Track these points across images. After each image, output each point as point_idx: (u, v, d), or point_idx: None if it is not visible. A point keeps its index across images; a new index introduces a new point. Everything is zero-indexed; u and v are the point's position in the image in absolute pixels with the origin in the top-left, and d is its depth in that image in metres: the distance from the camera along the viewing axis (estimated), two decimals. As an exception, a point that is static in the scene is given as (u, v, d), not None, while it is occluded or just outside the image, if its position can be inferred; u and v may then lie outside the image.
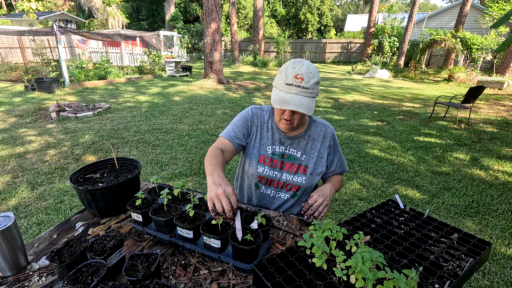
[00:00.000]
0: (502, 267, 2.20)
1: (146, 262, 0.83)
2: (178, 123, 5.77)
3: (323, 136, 1.32)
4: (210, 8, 9.54)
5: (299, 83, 1.06)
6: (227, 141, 1.25)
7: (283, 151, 1.29)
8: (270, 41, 21.41)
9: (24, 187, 3.22)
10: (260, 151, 1.30)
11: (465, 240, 0.94)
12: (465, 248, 0.89)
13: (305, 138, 1.30)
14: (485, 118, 6.72)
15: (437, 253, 0.87)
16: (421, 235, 0.95)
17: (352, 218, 1.03)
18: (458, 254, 0.87)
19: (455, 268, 0.82)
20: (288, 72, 1.08)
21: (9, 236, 0.87)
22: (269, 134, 1.30)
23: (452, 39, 12.96)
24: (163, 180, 3.47)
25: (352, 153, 4.46)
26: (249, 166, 1.32)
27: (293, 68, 1.08)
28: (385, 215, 1.07)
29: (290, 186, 1.31)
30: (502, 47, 3.95)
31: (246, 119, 1.31)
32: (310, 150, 1.31)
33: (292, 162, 1.30)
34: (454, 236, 0.97)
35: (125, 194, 1.20)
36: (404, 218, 1.05)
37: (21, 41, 12.53)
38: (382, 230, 0.96)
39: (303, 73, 1.06)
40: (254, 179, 1.34)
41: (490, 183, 3.58)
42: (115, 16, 23.21)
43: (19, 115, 5.95)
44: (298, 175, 1.30)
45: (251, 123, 1.31)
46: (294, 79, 1.07)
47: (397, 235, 0.94)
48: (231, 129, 1.29)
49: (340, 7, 46.19)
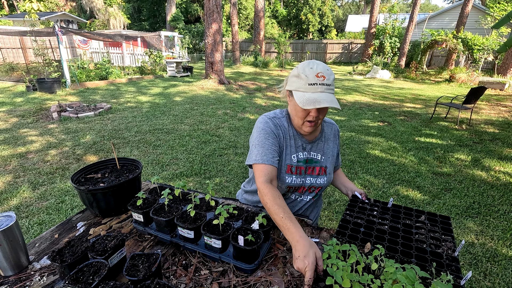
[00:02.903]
0: (504, 268, 2.19)
1: (147, 262, 0.84)
2: (179, 124, 5.77)
3: (333, 135, 1.36)
4: (211, 9, 9.56)
5: (322, 81, 1.06)
6: (269, 167, 1.12)
7: (306, 156, 1.27)
8: (271, 41, 21.43)
9: (25, 187, 3.22)
10: (286, 161, 1.23)
11: (433, 219, 1.08)
12: (438, 228, 1.03)
13: (322, 140, 1.31)
14: (487, 119, 6.71)
15: (426, 240, 0.96)
16: (402, 225, 1.03)
17: (340, 227, 1.03)
18: (438, 235, 0.98)
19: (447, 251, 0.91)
20: (307, 73, 1.06)
21: (11, 236, 0.87)
22: (292, 142, 1.24)
23: (453, 40, 12.94)
24: (164, 180, 3.47)
25: (353, 153, 4.45)
26: (277, 179, 1.22)
27: (311, 69, 1.07)
28: (361, 213, 1.12)
29: (314, 188, 1.31)
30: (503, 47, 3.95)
31: (274, 135, 1.19)
32: (327, 150, 1.32)
33: (314, 166, 1.29)
34: (422, 218, 1.09)
35: (126, 194, 1.21)
36: (376, 211, 1.14)
37: (23, 42, 12.58)
38: (372, 232, 0.99)
39: (322, 71, 1.07)
40: (282, 190, 1.26)
41: (492, 184, 3.57)
42: (117, 17, 23.26)
43: (20, 115, 5.97)
44: (320, 176, 1.30)
45: (279, 137, 1.21)
46: (316, 78, 1.05)
47: (386, 233, 0.99)
48: (265, 151, 1.14)
49: (341, 7, 46.20)
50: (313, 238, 1.09)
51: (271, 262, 0.96)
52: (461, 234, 2.61)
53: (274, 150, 1.16)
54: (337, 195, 3.23)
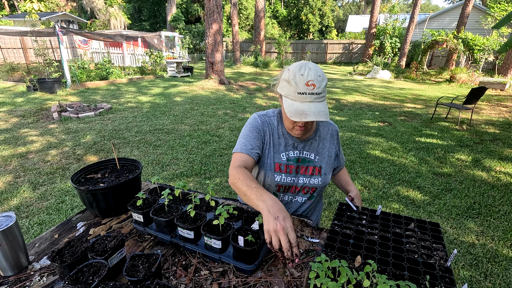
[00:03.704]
0: (504, 269, 2.19)
1: (147, 263, 0.83)
2: (179, 124, 5.77)
3: (330, 134, 1.33)
4: (211, 9, 9.56)
5: (311, 90, 1.02)
6: (245, 156, 1.16)
7: (297, 155, 1.26)
8: (272, 41, 21.42)
9: (25, 187, 3.23)
10: (274, 159, 1.25)
11: (422, 227, 1.05)
12: (428, 236, 1.00)
13: (316, 139, 1.30)
14: (487, 119, 6.70)
15: (417, 250, 0.93)
16: (392, 235, 1.00)
17: (328, 239, 1.00)
18: (429, 244, 0.96)
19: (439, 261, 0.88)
20: (297, 81, 1.03)
21: (11, 236, 0.87)
22: (281, 141, 1.25)
23: (453, 40, 12.93)
24: (164, 180, 3.47)
25: (353, 154, 4.45)
26: (265, 177, 1.27)
27: (302, 76, 1.02)
28: (350, 223, 1.08)
29: (308, 188, 1.30)
30: (504, 48, 3.95)
31: (258, 129, 1.23)
32: (322, 150, 1.30)
33: (307, 165, 1.28)
34: (412, 225, 1.06)
35: (126, 194, 1.20)
36: (365, 220, 1.10)
37: (23, 42, 12.59)
38: (362, 243, 0.95)
39: (313, 79, 1.02)
40: (272, 188, 1.28)
41: (492, 184, 3.56)
42: (117, 17, 23.28)
43: (21, 115, 5.98)
44: (314, 177, 1.28)
45: (264, 133, 1.24)
46: (306, 87, 1.02)
47: (376, 244, 0.95)
48: (245, 142, 1.20)
49: (341, 7, 46.21)
50: (313, 238, 1.09)
51: (271, 263, 0.96)
52: (461, 234, 2.60)
53: (255, 143, 1.20)
54: (338, 195, 3.22)
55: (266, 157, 1.25)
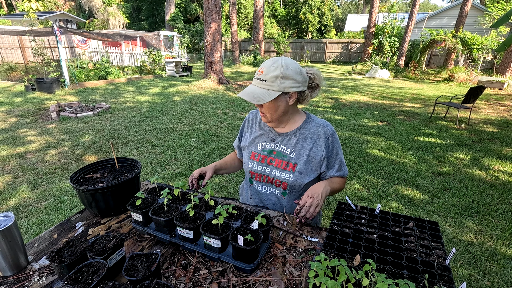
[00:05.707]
0: (503, 267, 2.20)
1: (146, 262, 0.83)
2: (178, 123, 5.77)
3: (317, 135, 1.28)
4: (210, 8, 9.55)
5: (258, 75, 1.16)
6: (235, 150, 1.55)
7: (272, 148, 1.33)
8: (270, 41, 21.42)
9: (24, 187, 3.22)
10: (251, 148, 1.39)
11: (421, 226, 1.06)
12: (427, 234, 1.01)
13: (296, 135, 1.29)
14: (486, 118, 6.72)
15: (416, 249, 0.93)
16: (391, 234, 1.01)
17: (327, 238, 1.00)
18: (427, 243, 0.96)
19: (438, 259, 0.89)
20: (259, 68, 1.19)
21: (10, 236, 0.87)
22: (261, 132, 1.38)
23: (452, 39, 12.95)
24: (163, 180, 3.47)
25: (352, 153, 4.45)
26: (244, 163, 1.45)
27: (262, 63, 1.19)
28: (349, 222, 1.08)
29: (279, 182, 1.31)
30: (502, 47, 3.96)
31: (243, 124, 1.47)
32: (301, 148, 1.28)
33: (281, 159, 1.30)
34: (410, 224, 1.07)
35: (125, 194, 1.20)
36: (364, 219, 1.11)
37: (22, 41, 12.55)
38: (361, 242, 0.95)
39: (264, 66, 1.16)
40: (248, 174, 1.43)
41: (491, 183, 3.57)
42: (116, 16, 23.22)
43: (19, 115, 5.96)
44: (286, 171, 1.29)
45: (246, 126, 1.46)
46: (257, 73, 1.17)
47: (375, 243, 0.95)
48: (236, 140, 1.53)
49: (340, 7, 46.20)
50: (312, 237, 1.09)
51: (270, 262, 0.96)
52: (460, 233, 2.61)
53: (240, 138, 1.49)
54: (337, 195, 3.23)
55: (247, 146, 1.42)
